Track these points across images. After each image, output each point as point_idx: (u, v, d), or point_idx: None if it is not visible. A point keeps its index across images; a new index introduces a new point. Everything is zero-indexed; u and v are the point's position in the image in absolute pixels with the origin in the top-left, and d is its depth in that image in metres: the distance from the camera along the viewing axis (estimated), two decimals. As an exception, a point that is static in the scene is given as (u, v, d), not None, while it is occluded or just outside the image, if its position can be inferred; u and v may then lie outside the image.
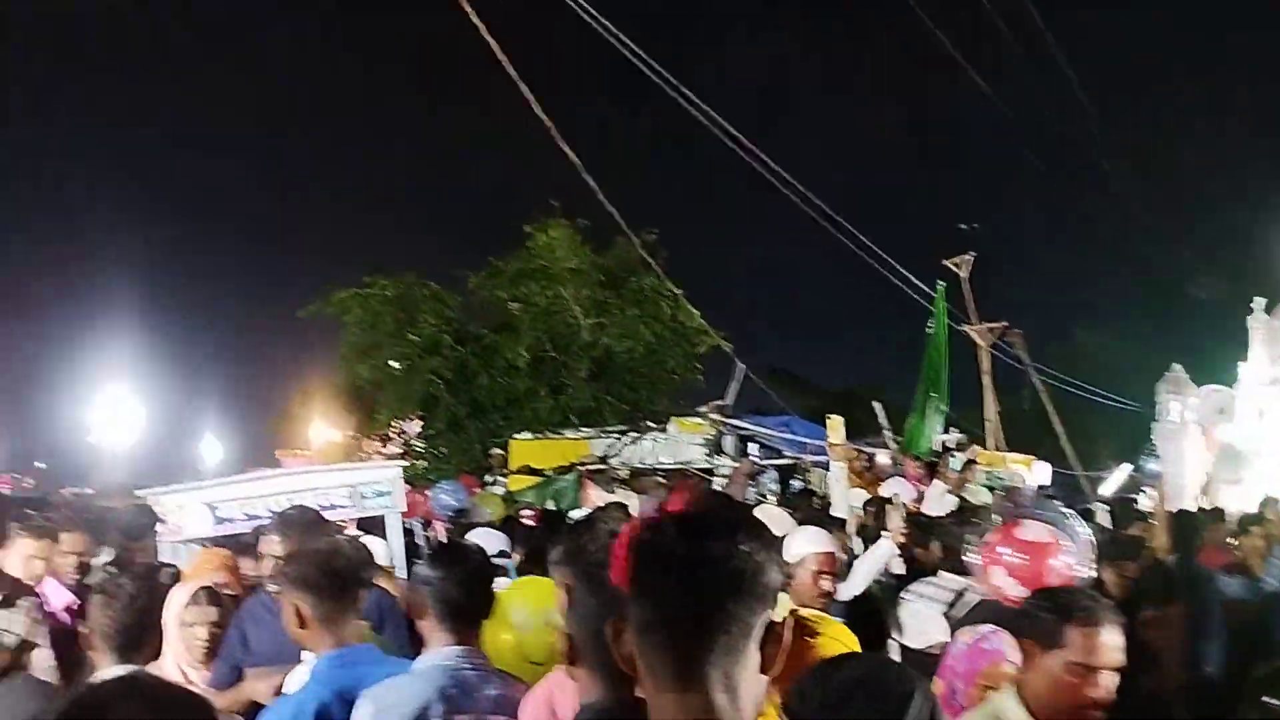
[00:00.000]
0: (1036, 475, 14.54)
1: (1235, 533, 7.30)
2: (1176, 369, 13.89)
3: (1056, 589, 3.22)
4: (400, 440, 21.07)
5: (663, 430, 18.34)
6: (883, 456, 13.21)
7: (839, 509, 7.69)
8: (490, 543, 5.54)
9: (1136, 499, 11.17)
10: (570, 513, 9.05)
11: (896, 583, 6.10)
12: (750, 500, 10.58)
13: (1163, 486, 8.40)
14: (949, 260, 20.26)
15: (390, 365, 20.44)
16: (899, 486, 9.85)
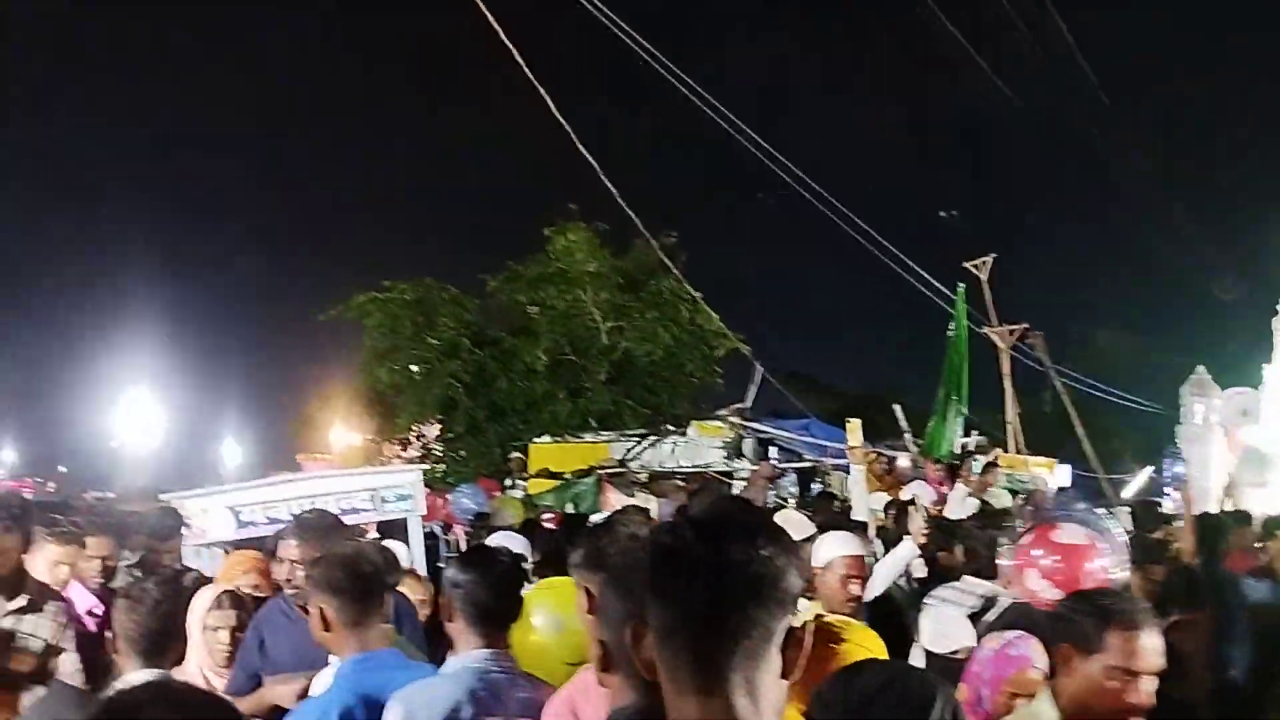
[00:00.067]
0: (1057, 478, 14.46)
1: (1261, 536, 7.23)
2: (1201, 371, 13.82)
3: (1094, 592, 3.17)
4: (420, 444, 21.10)
5: (682, 433, 18.30)
6: (903, 459, 13.14)
7: (859, 512, 7.65)
8: (511, 546, 5.54)
9: (1159, 502, 11.10)
10: (590, 516, 9.06)
11: (919, 587, 6.07)
12: (770, 503, 10.56)
13: (1188, 489, 8.32)
14: (969, 263, 20.16)
15: (410, 369, 20.48)
16: (919, 489, 9.82)
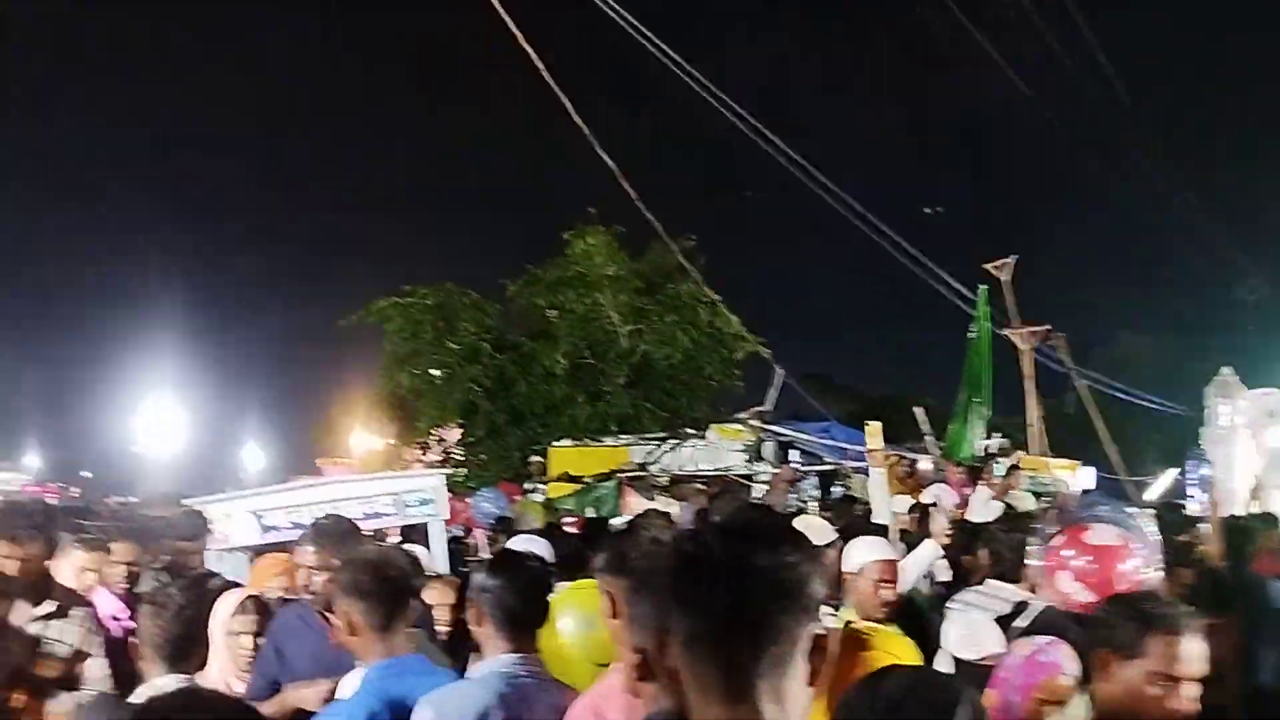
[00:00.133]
0: (1080, 480, 14.35)
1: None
2: (1226, 372, 13.66)
3: (1133, 596, 3.12)
4: (440, 448, 21.14)
5: (702, 437, 18.26)
6: (925, 462, 13.08)
7: (880, 515, 7.62)
8: (532, 550, 5.52)
9: (1184, 504, 10.99)
10: (611, 520, 9.06)
11: (945, 590, 6.03)
12: (791, 507, 10.53)
13: (1214, 492, 8.24)
14: (989, 264, 20.05)
15: (430, 373, 20.52)
16: (941, 492, 9.77)
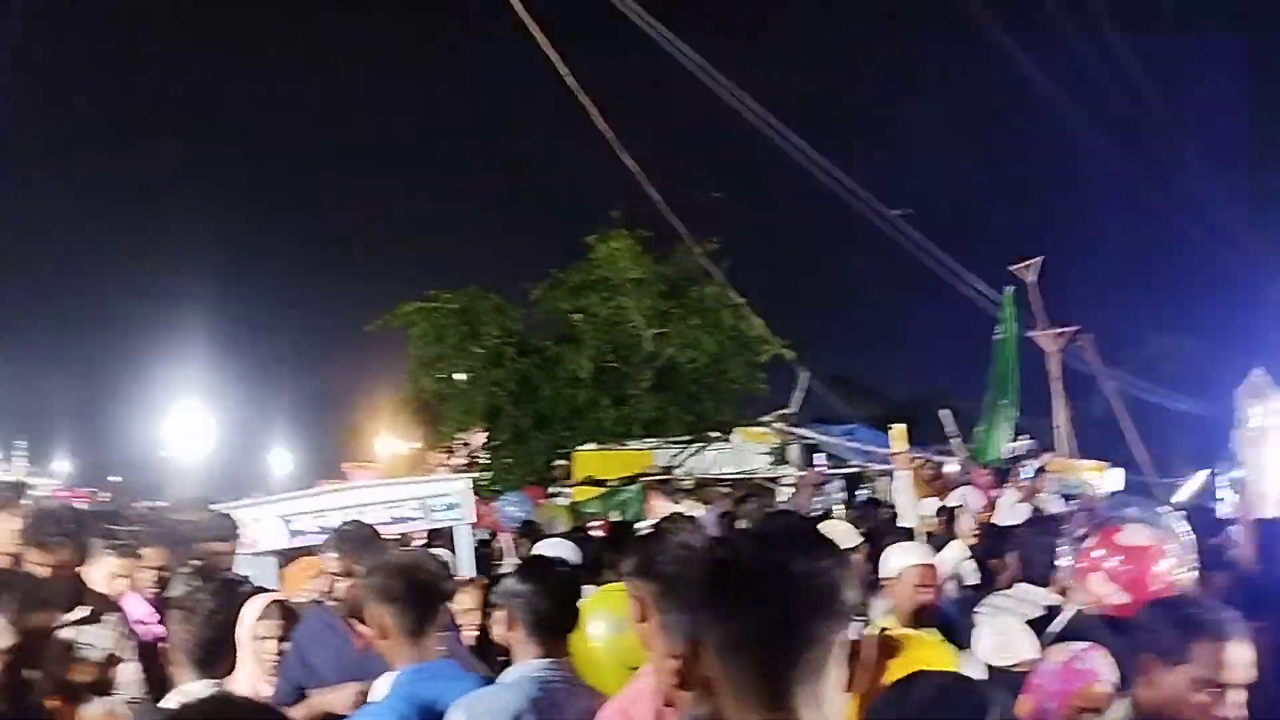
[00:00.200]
0: (1109, 482, 14.24)
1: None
2: (1257, 373, 13.48)
3: (1177, 600, 3.07)
4: (465, 452, 21.17)
5: (726, 440, 18.25)
6: (951, 465, 13.03)
7: (906, 518, 7.60)
8: (560, 554, 5.53)
9: (1214, 507, 10.88)
10: (636, 524, 9.06)
11: (972, 593, 5.99)
12: (816, 510, 10.51)
13: (1246, 494, 8.15)
14: (1015, 265, 19.96)
15: (454, 378, 20.55)
16: (968, 494, 9.73)
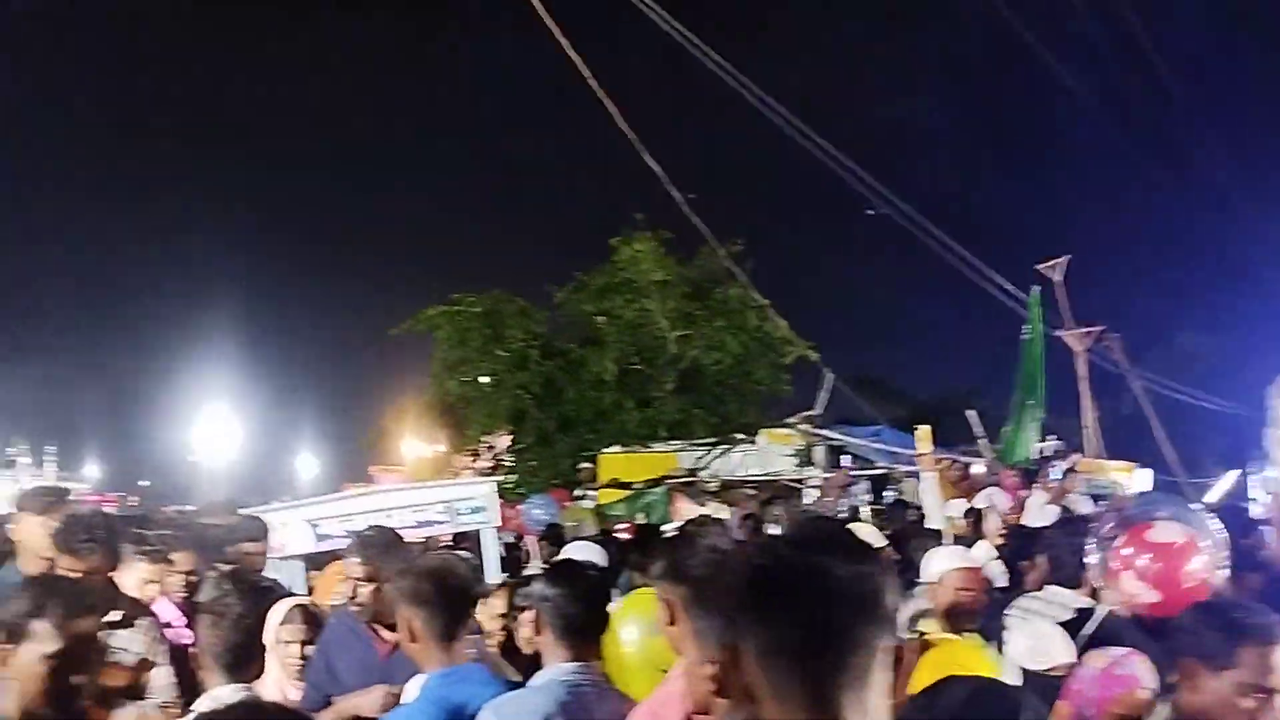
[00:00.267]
0: (1138, 482, 14.11)
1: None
2: (1288, 372, 13.34)
3: (1221, 603, 3.01)
4: (490, 455, 21.21)
5: (751, 442, 18.18)
6: (977, 466, 12.95)
7: (933, 520, 7.55)
8: (587, 557, 5.52)
9: (1246, 507, 10.75)
10: (661, 526, 9.05)
11: (1001, 596, 5.94)
12: (843, 512, 10.47)
13: (1278, 495, 8.06)
14: (1041, 265, 19.79)
15: (479, 381, 20.59)
16: (995, 495, 9.67)
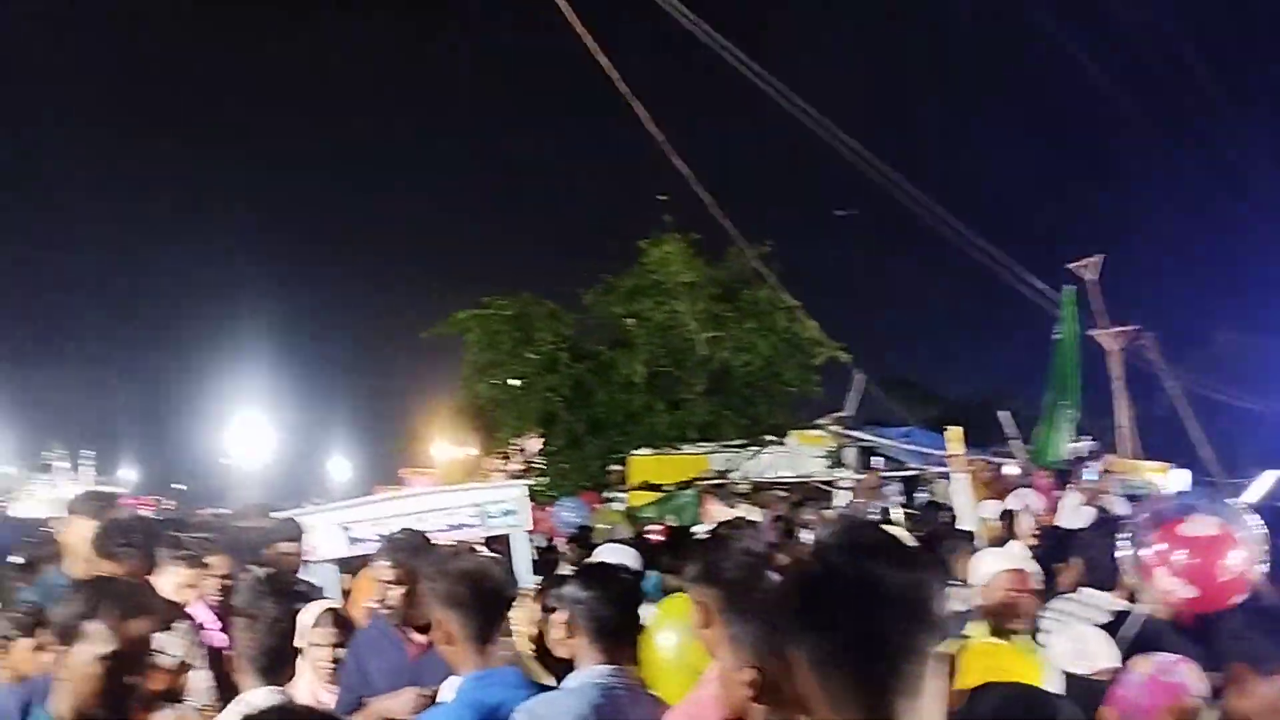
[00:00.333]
0: (1173, 482, 13.96)
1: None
2: (1327, 370, 13.19)
3: (1268, 607, 2.98)
4: (520, 457, 21.25)
5: (781, 443, 18.15)
6: (1009, 467, 12.86)
7: (966, 521, 7.51)
8: (621, 560, 5.52)
9: (1286, 507, 10.62)
10: (692, 528, 9.04)
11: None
12: (874, 514, 10.41)
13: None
14: (1073, 264, 19.63)
15: (509, 383, 20.64)
16: (1029, 497, 9.59)
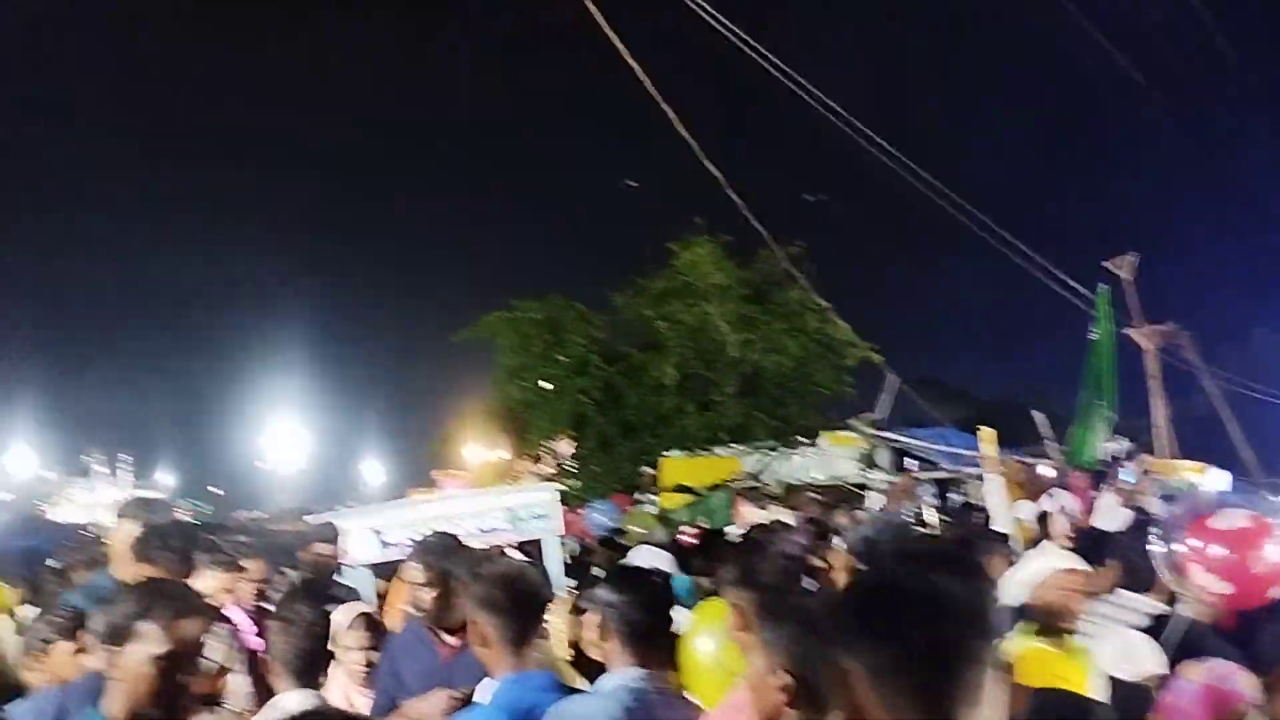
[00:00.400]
0: (1210, 482, 13.79)
1: None
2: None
3: None
4: (553, 460, 21.26)
5: (813, 445, 18.06)
6: (1045, 468, 12.74)
7: (1000, 523, 7.46)
8: (656, 562, 5.51)
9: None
10: (724, 529, 9.03)
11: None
12: (908, 516, 10.36)
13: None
14: (1109, 262, 19.41)
15: (540, 386, 20.67)
16: (1063, 498, 9.51)
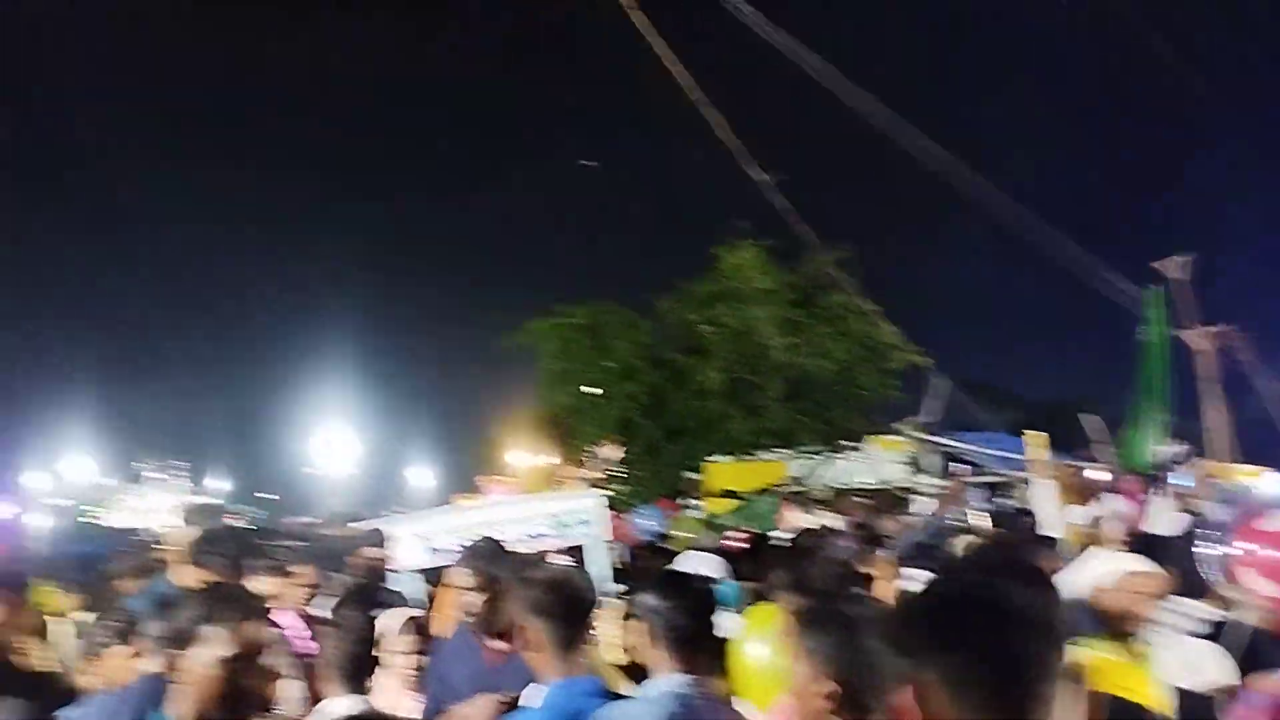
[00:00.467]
0: (1267, 486, 13.51)
1: None
2: None
3: None
4: (598, 465, 21.28)
5: (858, 449, 17.95)
6: (1095, 471, 12.55)
7: (1050, 528, 7.36)
8: (705, 567, 5.48)
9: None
10: (770, 533, 9.00)
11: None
12: (958, 521, 10.25)
13: None
14: (1161, 262, 19.09)
15: (586, 391, 20.70)
16: (1115, 502, 9.36)
